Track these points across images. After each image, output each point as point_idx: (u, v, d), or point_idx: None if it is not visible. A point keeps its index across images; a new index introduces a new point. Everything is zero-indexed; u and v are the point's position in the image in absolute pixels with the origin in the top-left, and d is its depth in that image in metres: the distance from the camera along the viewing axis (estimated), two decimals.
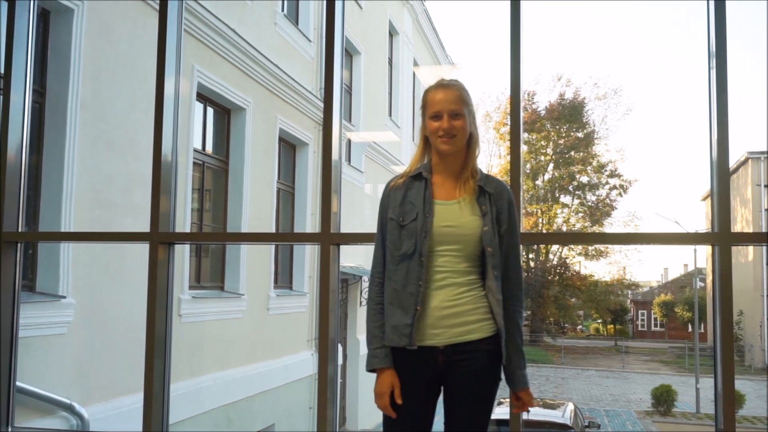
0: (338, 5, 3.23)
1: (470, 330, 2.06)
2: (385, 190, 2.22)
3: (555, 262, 32.77)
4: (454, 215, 2.10)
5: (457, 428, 2.08)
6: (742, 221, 23.76)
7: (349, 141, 12.05)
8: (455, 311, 2.06)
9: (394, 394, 2.06)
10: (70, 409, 4.78)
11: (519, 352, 2.13)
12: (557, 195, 32.80)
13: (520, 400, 2.18)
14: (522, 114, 3.00)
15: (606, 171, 32.19)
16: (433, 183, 2.15)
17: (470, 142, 2.16)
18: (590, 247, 31.92)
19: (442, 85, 2.16)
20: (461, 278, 2.08)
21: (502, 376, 2.14)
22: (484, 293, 2.09)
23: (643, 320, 35.40)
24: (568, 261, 32.94)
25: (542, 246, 31.93)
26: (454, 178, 2.16)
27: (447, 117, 2.09)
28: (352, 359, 11.76)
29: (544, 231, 32.03)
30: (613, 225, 31.99)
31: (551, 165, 32.60)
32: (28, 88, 3.50)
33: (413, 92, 16.94)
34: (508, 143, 32.17)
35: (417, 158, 2.21)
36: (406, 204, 2.12)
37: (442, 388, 2.13)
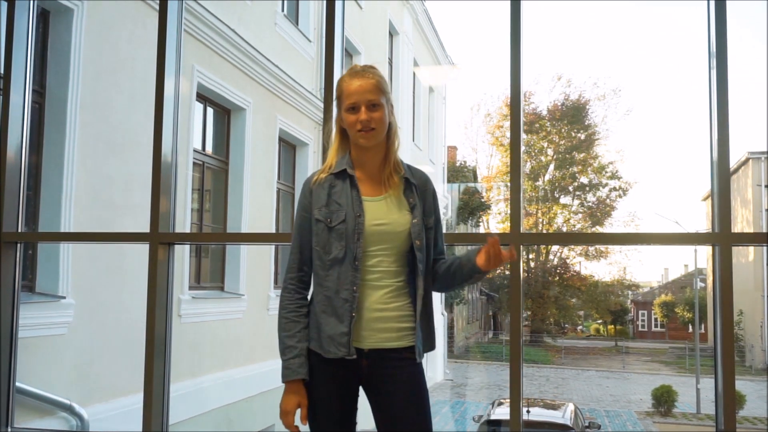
0: (338, 5, 3.22)
1: (393, 338, 1.98)
2: (304, 188, 2.07)
3: (555, 263, 32.78)
4: (384, 212, 2.00)
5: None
6: (742, 221, 23.75)
7: None
8: (384, 315, 1.98)
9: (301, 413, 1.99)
10: (69, 409, 4.77)
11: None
12: (557, 196, 32.81)
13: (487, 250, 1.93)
14: (522, 114, 3.00)
15: (606, 172, 32.20)
16: (357, 179, 2.03)
17: (389, 133, 2.05)
18: (590, 248, 31.92)
19: (356, 72, 2.01)
20: (392, 279, 2.00)
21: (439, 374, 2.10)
22: (409, 301, 2.02)
23: (643, 321, 35.40)
24: (568, 261, 32.95)
25: (542, 246, 31.94)
26: (377, 173, 2.05)
27: (364, 109, 1.96)
28: None
29: (544, 231, 32.03)
30: (613, 225, 32.01)
31: (552, 166, 32.60)
32: (28, 88, 3.50)
33: (413, 92, 16.94)
34: (499, 147, 32.23)
35: (335, 152, 2.08)
36: (331, 204, 2.00)
37: (360, 391, 2.06)
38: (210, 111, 7.78)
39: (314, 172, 2.11)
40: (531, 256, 32.00)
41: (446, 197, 20.88)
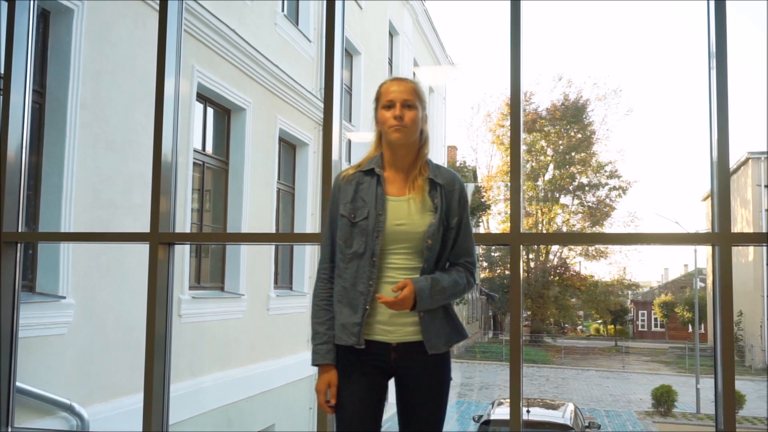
0: (338, 5, 3.22)
1: (417, 331, 2.04)
2: (335, 183, 2.16)
3: (555, 263, 32.80)
4: (405, 212, 2.07)
5: (414, 429, 2.08)
6: (742, 221, 23.77)
7: (349, 141, 12.05)
8: (409, 311, 2.02)
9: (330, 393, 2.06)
10: (70, 409, 4.77)
11: (438, 286, 2.02)
12: (557, 196, 32.83)
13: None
14: (522, 114, 3.00)
15: (606, 172, 32.22)
16: (385, 179, 2.11)
17: (421, 140, 2.13)
18: (590, 248, 31.96)
19: (397, 78, 2.14)
20: (415, 276, 2.05)
21: (453, 375, 2.16)
22: None
23: (643, 320, 35.45)
24: (568, 261, 32.98)
25: (542, 246, 31.95)
26: (405, 174, 2.12)
27: (399, 105, 2.05)
28: None
29: (544, 231, 32.04)
30: (613, 225, 32.04)
31: (551, 165, 32.62)
32: (28, 88, 3.50)
33: None
34: (500, 146, 32.24)
35: (371, 152, 2.17)
36: (357, 200, 2.08)
37: (390, 385, 2.12)
38: (210, 111, 7.78)
39: (345, 168, 2.18)
40: (531, 256, 32.02)
41: None
